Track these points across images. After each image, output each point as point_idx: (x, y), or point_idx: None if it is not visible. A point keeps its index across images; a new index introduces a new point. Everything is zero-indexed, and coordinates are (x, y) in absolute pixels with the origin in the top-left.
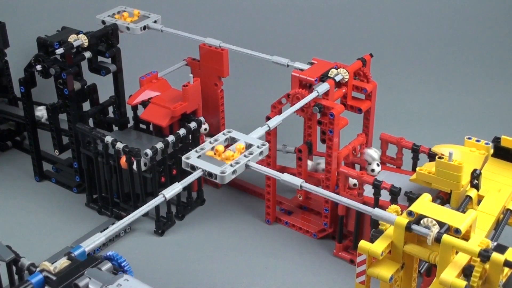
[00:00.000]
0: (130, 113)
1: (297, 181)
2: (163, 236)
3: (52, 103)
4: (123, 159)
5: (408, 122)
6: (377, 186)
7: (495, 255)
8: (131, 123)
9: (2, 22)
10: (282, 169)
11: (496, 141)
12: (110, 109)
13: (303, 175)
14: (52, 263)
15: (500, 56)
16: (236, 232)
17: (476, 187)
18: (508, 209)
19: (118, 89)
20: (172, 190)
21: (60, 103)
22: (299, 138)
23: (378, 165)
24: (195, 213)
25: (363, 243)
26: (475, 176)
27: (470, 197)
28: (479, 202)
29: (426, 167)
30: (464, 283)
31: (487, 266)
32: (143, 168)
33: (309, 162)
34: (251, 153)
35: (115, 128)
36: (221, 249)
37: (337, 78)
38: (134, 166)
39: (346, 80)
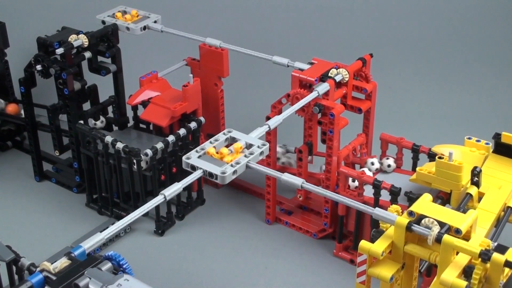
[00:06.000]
0: (130, 113)
1: (297, 180)
2: (163, 236)
3: (52, 104)
4: None
5: (408, 122)
6: (377, 186)
7: (495, 256)
8: (130, 122)
9: (2, 22)
10: (282, 169)
11: (497, 137)
12: (109, 108)
13: (303, 175)
14: (52, 263)
15: (500, 56)
16: (236, 232)
17: (477, 184)
18: (508, 207)
19: (118, 89)
20: (172, 190)
21: (60, 103)
22: (299, 138)
23: (394, 161)
24: (195, 213)
25: (363, 243)
26: (476, 174)
27: (471, 195)
28: (479, 199)
29: (426, 167)
30: (464, 283)
31: (487, 266)
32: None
33: (279, 149)
34: (251, 153)
35: (115, 128)
36: (221, 249)
37: (337, 78)
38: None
39: (346, 80)
